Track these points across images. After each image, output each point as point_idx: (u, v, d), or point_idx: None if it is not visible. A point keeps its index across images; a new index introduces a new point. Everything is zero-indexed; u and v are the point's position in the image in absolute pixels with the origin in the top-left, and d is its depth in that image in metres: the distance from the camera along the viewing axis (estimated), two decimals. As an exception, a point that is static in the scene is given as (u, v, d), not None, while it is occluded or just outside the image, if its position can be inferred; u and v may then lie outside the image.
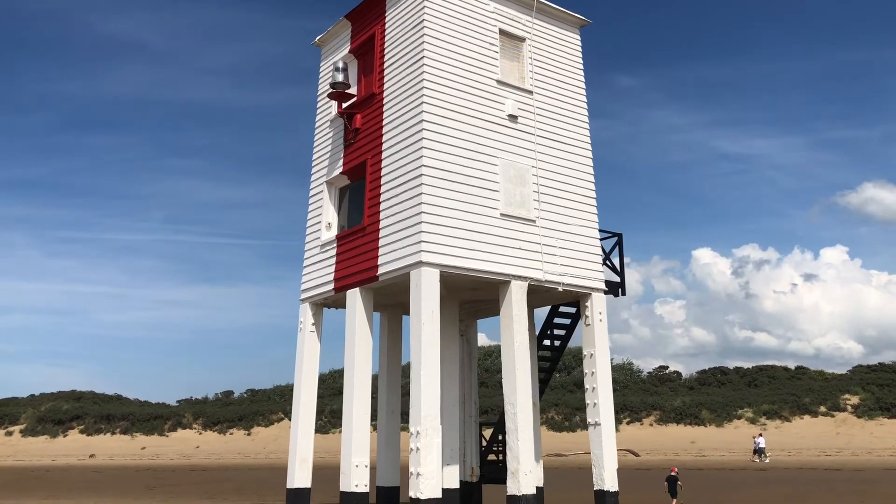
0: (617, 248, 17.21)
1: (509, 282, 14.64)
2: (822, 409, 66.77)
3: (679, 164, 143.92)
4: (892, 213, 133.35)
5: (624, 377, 76.18)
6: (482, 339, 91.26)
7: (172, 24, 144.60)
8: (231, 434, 68.78)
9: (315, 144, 17.91)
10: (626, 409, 67.30)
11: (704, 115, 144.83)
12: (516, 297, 14.62)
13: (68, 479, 38.27)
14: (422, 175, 14.08)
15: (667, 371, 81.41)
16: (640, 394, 72.18)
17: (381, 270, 14.67)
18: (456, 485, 16.62)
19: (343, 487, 14.52)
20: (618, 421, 65.29)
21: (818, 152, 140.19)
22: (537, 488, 14.93)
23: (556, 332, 17.84)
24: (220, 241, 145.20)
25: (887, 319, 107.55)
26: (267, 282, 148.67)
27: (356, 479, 14.42)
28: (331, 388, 78.49)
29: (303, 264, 17.38)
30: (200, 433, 69.23)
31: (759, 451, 48.01)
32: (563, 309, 17.42)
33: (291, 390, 75.11)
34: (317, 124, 18.08)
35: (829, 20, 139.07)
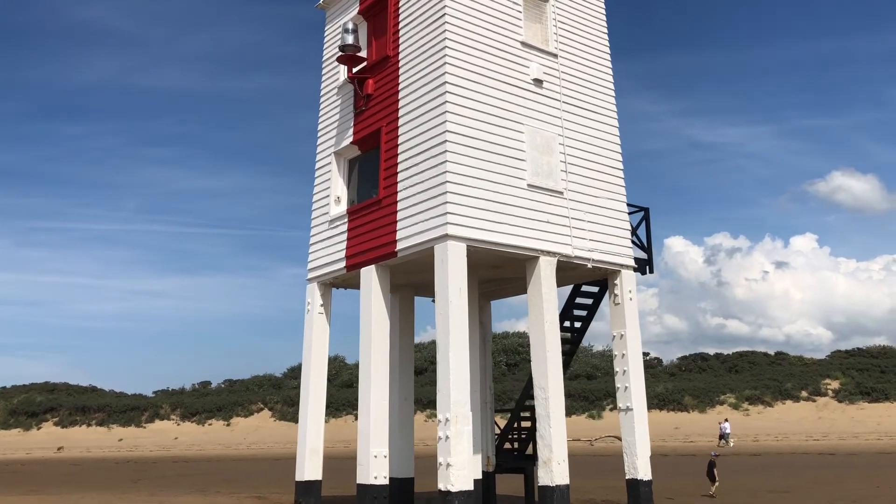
0: (643, 224, 16.22)
1: (538, 257, 13.63)
2: (804, 394, 66.88)
3: (651, 153, 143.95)
4: (860, 202, 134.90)
5: (606, 364, 75.84)
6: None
7: (145, 10, 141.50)
8: (210, 425, 67.27)
9: (321, 113, 16.71)
10: (610, 396, 66.79)
11: (677, 104, 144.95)
12: (545, 274, 13.62)
13: (46, 472, 36.72)
14: (446, 141, 12.99)
15: (648, 357, 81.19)
16: (623, 380, 71.44)
17: (399, 246, 13.57)
18: (478, 475, 15.62)
19: (360, 479, 13.47)
20: (601, 407, 64.86)
21: (788, 141, 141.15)
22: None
23: (576, 312, 16.83)
24: (195, 231, 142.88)
25: (855, 306, 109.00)
26: (244, 272, 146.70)
27: (375, 470, 13.38)
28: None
29: (309, 242, 16.21)
30: (178, 424, 67.64)
31: (724, 437, 48.36)
32: (585, 288, 16.45)
33: (270, 380, 73.75)
34: (322, 92, 16.87)
35: (799, 9, 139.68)
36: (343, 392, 65.21)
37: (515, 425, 17.67)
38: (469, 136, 13.27)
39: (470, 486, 11.96)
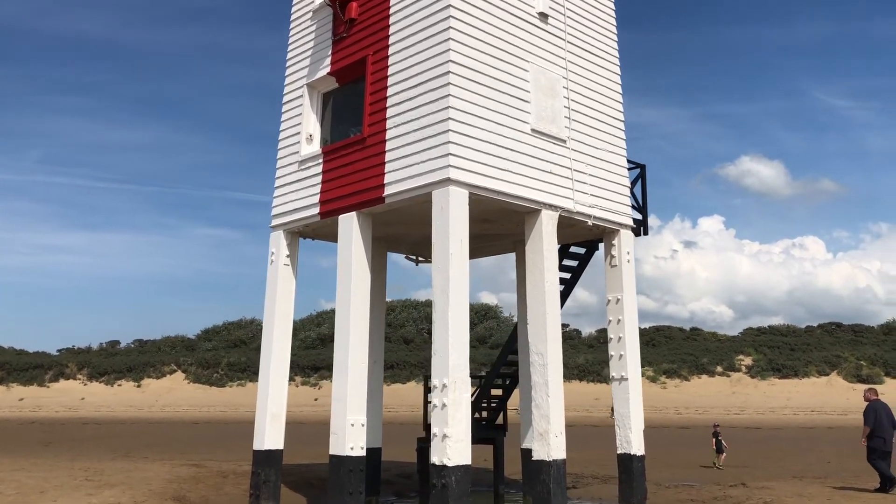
0: (640, 182, 15.08)
1: (539, 211, 12.30)
2: (719, 369, 68.48)
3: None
4: (766, 187, 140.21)
5: (528, 334, 75.82)
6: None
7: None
8: (119, 385, 63.99)
9: (291, 40, 14.82)
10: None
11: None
12: (547, 230, 12.31)
13: (-61, 433, 33.64)
14: (449, 73, 11.45)
15: (567, 329, 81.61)
16: (544, 351, 71.54)
17: (388, 191, 12.00)
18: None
19: (334, 450, 11.96)
20: (524, 377, 64.85)
21: (703, 124, 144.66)
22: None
23: (560, 275, 15.58)
24: (102, 185, 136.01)
25: (756, 287, 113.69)
26: (154, 230, 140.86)
27: (352, 440, 11.90)
28: (225, 339, 74.34)
29: (274, 185, 14.43)
30: (85, 384, 64.05)
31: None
32: (573, 249, 15.26)
33: (183, 341, 70.52)
34: (293, 16, 14.96)
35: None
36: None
37: (486, 394, 16.44)
38: (473, 68, 11.78)
39: (468, 461, 10.66)
